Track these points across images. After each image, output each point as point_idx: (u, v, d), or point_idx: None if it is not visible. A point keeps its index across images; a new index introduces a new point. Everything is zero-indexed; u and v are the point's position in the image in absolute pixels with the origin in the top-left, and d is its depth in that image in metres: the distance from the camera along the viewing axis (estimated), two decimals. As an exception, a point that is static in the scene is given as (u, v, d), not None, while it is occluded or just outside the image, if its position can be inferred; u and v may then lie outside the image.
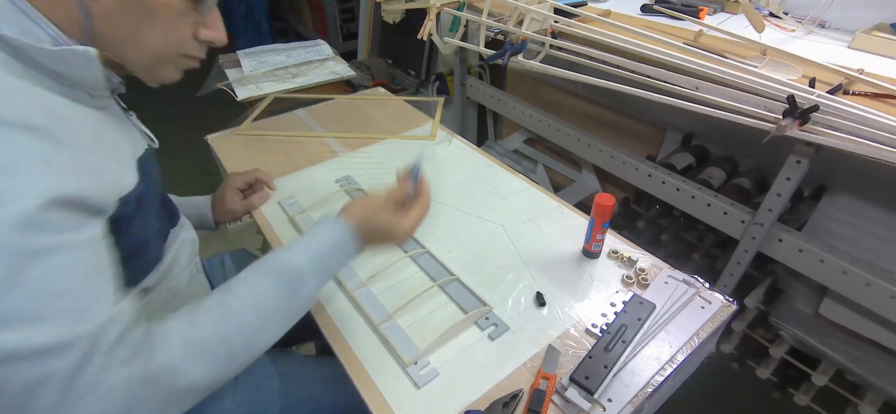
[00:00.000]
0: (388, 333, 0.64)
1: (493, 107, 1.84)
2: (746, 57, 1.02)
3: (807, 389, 1.25)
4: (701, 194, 1.22)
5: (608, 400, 0.57)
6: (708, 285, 0.72)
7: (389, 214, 0.61)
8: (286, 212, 0.88)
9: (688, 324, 0.66)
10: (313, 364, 0.79)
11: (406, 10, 1.56)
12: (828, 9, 1.25)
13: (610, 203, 0.72)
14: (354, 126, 1.18)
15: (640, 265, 0.76)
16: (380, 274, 0.74)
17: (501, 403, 0.56)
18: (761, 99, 0.91)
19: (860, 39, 1.12)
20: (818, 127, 0.86)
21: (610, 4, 1.43)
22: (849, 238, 1.26)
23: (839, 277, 1.02)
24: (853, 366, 1.16)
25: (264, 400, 0.70)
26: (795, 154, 0.98)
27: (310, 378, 0.76)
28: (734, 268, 1.19)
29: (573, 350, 0.63)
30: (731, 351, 1.39)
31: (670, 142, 1.60)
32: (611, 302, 0.70)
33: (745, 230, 1.13)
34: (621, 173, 1.41)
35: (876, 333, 1.14)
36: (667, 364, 0.61)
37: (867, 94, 0.90)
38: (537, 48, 1.21)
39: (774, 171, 1.04)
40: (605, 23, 1.17)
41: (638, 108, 1.63)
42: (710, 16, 1.32)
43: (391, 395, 0.58)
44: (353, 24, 3.34)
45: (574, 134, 1.53)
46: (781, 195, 1.04)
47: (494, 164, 1.02)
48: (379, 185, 0.94)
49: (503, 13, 1.29)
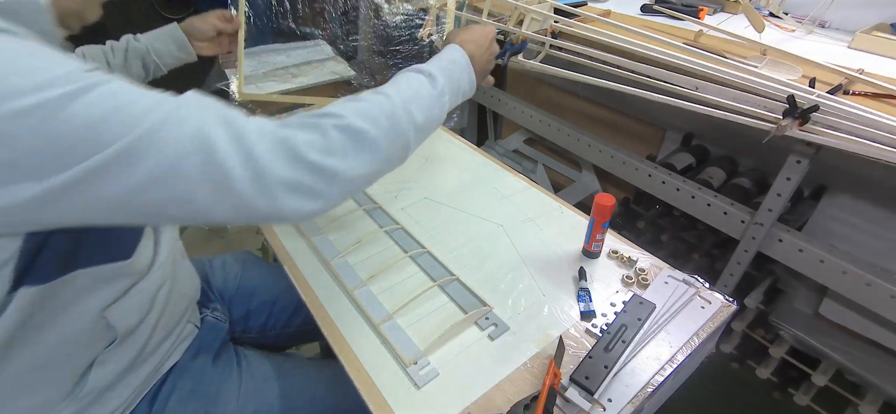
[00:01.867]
0: (389, 333, 0.64)
1: (493, 107, 1.84)
2: (746, 57, 1.02)
3: (807, 389, 1.25)
4: (701, 194, 1.22)
5: (608, 400, 0.57)
6: (708, 285, 0.72)
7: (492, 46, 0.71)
8: (286, 212, 0.88)
9: (688, 324, 0.66)
10: (314, 365, 0.79)
11: (406, 10, 1.56)
12: (828, 9, 1.25)
13: (610, 203, 0.72)
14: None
15: (640, 265, 0.76)
16: (380, 274, 0.74)
17: (522, 405, 0.56)
18: (761, 99, 0.91)
19: (860, 39, 1.12)
20: (818, 127, 0.86)
21: (610, 4, 1.43)
22: (849, 238, 1.26)
23: (839, 277, 1.02)
24: (853, 366, 1.16)
25: (267, 400, 0.70)
26: (795, 154, 0.98)
27: (311, 379, 0.76)
28: (734, 268, 1.19)
29: (573, 350, 0.63)
30: (731, 351, 1.39)
31: (670, 142, 1.60)
32: (611, 302, 0.70)
33: (745, 230, 1.13)
34: (621, 173, 1.41)
35: (876, 333, 1.14)
36: (667, 364, 0.61)
37: (867, 94, 0.90)
38: (537, 48, 1.21)
39: (774, 172, 1.04)
40: (605, 23, 1.17)
41: (638, 108, 1.63)
42: (710, 16, 1.32)
43: (391, 395, 0.58)
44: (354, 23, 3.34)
45: (574, 134, 1.53)
46: (781, 195, 1.04)
47: (494, 164, 1.02)
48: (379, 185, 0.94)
49: (503, 13, 1.29)
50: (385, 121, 0.51)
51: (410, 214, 0.87)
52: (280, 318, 0.87)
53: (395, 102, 0.53)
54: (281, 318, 0.87)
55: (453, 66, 0.63)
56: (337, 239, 0.81)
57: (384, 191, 0.93)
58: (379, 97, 0.53)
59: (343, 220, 0.85)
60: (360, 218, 0.87)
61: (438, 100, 0.59)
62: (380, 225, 0.84)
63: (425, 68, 0.60)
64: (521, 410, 0.55)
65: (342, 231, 0.83)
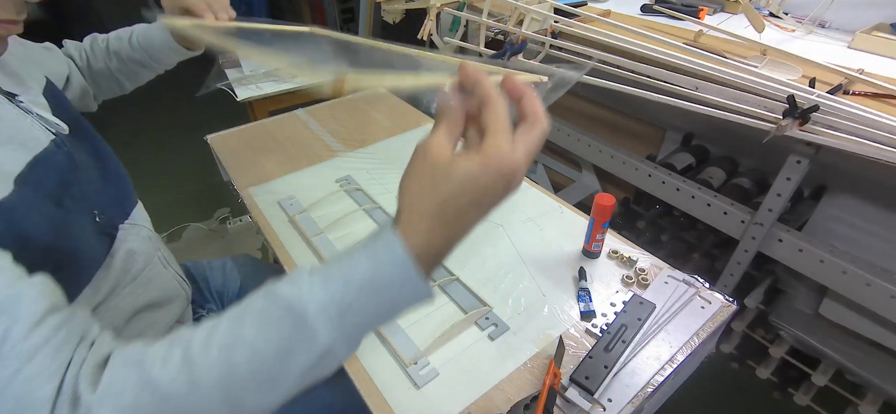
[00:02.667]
0: (388, 333, 0.64)
1: (493, 107, 1.84)
2: (746, 57, 1.02)
3: (807, 389, 1.25)
4: (701, 194, 1.22)
5: (608, 400, 0.57)
6: (708, 285, 0.72)
7: (469, 162, 0.32)
8: (286, 212, 0.88)
9: (688, 324, 0.66)
10: None
11: (406, 10, 1.56)
12: (828, 9, 1.25)
13: (610, 203, 0.72)
14: (354, 126, 1.18)
15: (640, 265, 0.76)
16: (380, 274, 0.74)
17: (522, 405, 0.56)
18: (761, 99, 0.91)
19: (860, 39, 1.12)
20: (818, 127, 0.86)
21: (610, 4, 1.43)
22: (849, 238, 1.26)
23: (839, 277, 1.02)
24: (853, 366, 1.16)
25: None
26: (795, 154, 0.98)
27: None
28: (734, 268, 1.19)
29: (573, 350, 0.63)
30: (731, 351, 1.39)
31: (670, 142, 1.60)
32: (611, 302, 0.70)
33: (745, 230, 1.13)
34: (621, 173, 1.41)
35: (876, 333, 1.14)
36: (667, 364, 0.61)
37: (867, 94, 0.90)
38: (537, 48, 1.22)
39: (774, 172, 1.04)
40: (605, 23, 1.17)
41: (638, 108, 1.63)
42: (710, 16, 1.32)
43: (391, 395, 0.58)
44: (353, 24, 3.34)
45: (574, 134, 1.53)
46: (781, 195, 1.04)
47: (494, 164, 1.02)
48: (379, 185, 0.94)
49: (503, 13, 1.29)
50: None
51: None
52: None
53: (204, 385, 0.33)
54: None
55: (368, 298, 0.33)
56: (337, 239, 0.81)
57: (384, 191, 0.93)
58: (181, 372, 0.33)
59: (343, 220, 0.85)
60: (360, 218, 0.87)
61: (314, 365, 0.35)
62: (380, 225, 0.84)
63: (305, 296, 0.33)
64: (521, 411, 0.55)
65: (342, 231, 0.83)
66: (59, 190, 0.51)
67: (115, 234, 0.60)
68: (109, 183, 0.62)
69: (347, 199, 0.92)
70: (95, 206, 0.56)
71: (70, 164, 0.54)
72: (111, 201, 0.61)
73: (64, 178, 0.52)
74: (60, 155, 0.52)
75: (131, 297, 0.62)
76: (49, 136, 0.52)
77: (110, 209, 0.60)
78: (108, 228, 0.59)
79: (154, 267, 0.67)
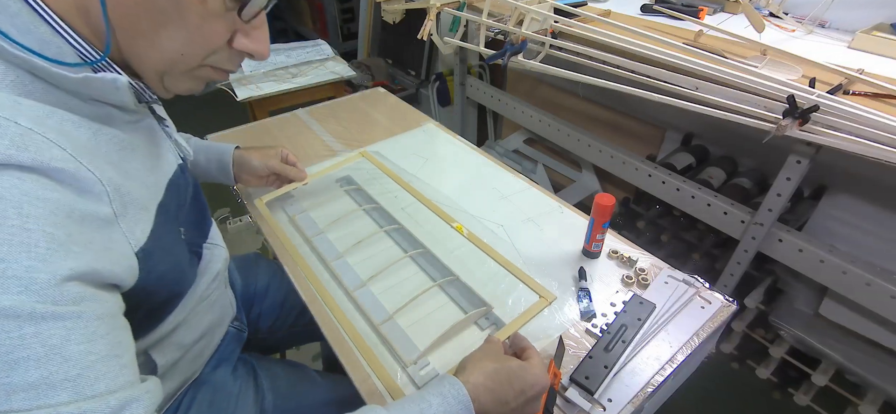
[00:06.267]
0: (388, 333, 0.64)
1: (493, 107, 1.84)
2: (746, 57, 1.02)
3: (807, 389, 1.26)
4: (701, 194, 1.22)
5: (608, 400, 0.57)
6: (708, 285, 0.72)
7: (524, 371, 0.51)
8: (286, 212, 0.88)
9: (688, 324, 0.66)
10: (328, 378, 0.79)
11: (406, 10, 1.56)
12: (828, 9, 1.25)
13: (610, 203, 0.72)
14: (354, 126, 1.18)
15: (640, 265, 0.76)
16: (380, 274, 0.74)
17: None
18: (761, 99, 0.91)
19: (860, 39, 1.12)
20: (818, 127, 0.86)
21: (610, 4, 1.43)
22: (849, 238, 1.26)
23: (839, 277, 1.02)
24: (853, 366, 1.16)
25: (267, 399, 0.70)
26: (795, 154, 0.98)
27: (311, 379, 0.76)
28: (734, 268, 1.19)
29: (573, 350, 0.63)
30: (731, 351, 1.39)
31: (670, 142, 1.60)
32: (611, 302, 0.70)
33: (745, 230, 1.13)
34: (621, 173, 1.41)
35: (876, 333, 1.14)
36: (667, 364, 0.61)
37: (867, 94, 0.90)
38: (537, 48, 1.21)
39: (774, 172, 1.04)
40: (605, 23, 1.17)
41: (638, 108, 1.63)
42: (710, 16, 1.32)
43: (391, 395, 0.58)
44: (353, 24, 3.34)
45: (574, 134, 1.53)
46: (781, 195, 1.04)
47: (494, 164, 1.02)
48: (378, 185, 0.94)
49: (503, 13, 1.29)
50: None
51: (410, 214, 0.87)
52: (288, 318, 0.88)
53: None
54: (289, 318, 0.88)
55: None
56: (337, 239, 0.81)
57: (384, 190, 0.93)
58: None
59: (343, 220, 0.85)
60: (359, 218, 0.87)
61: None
62: (380, 225, 0.84)
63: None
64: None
65: (342, 231, 0.83)
66: (178, 214, 0.53)
67: (201, 253, 0.61)
68: (195, 202, 0.61)
69: (347, 199, 0.92)
70: (182, 224, 0.55)
71: (186, 187, 0.56)
72: (194, 220, 0.60)
73: (180, 202, 0.54)
74: (183, 179, 0.55)
75: (208, 315, 0.63)
76: (177, 161, 0.55)
77: (193, 228, 0.60)
78: (193, 246, 0.59)
79: (220, 287, 0.68)
